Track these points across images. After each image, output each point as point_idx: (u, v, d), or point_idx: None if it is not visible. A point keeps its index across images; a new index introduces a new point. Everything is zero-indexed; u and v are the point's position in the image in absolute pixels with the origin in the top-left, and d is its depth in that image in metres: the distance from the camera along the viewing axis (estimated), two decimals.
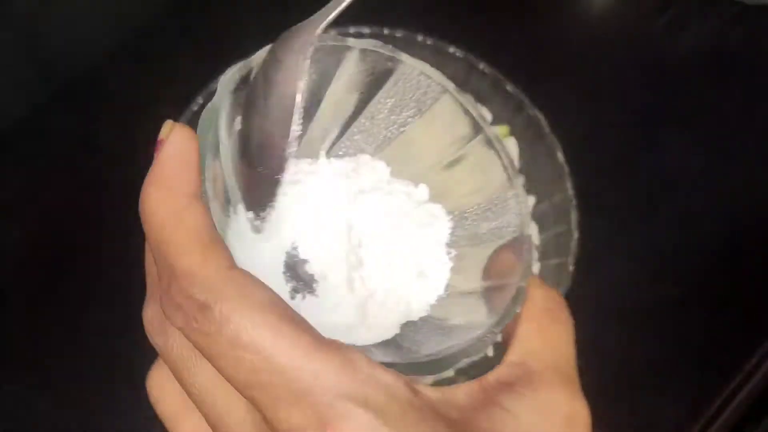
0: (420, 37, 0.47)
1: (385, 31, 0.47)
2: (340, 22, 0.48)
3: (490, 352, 0.23)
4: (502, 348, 0.22)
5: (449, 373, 0.21)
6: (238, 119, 0.21)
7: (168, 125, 0.20)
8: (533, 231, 0.47)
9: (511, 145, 0.48)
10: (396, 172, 0.26)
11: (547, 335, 0.21)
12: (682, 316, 0.49)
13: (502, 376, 0.20)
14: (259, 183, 0.21)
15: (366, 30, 0.47)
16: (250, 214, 0.22)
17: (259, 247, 0.21)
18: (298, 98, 0.21)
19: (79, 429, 0.45)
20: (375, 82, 0.25)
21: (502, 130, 0.48)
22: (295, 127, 0.21)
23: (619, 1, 0.58)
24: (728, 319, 0.49)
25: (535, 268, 0.46)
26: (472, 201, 0.25)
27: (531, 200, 0.47)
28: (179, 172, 0.19)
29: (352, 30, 0.47)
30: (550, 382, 0.20)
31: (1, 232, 0.49)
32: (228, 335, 0.17)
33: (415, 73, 0.25)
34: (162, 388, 0.21)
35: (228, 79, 0.22)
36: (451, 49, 0.47)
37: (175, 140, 0.20)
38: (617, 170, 0.52)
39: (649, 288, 0.49)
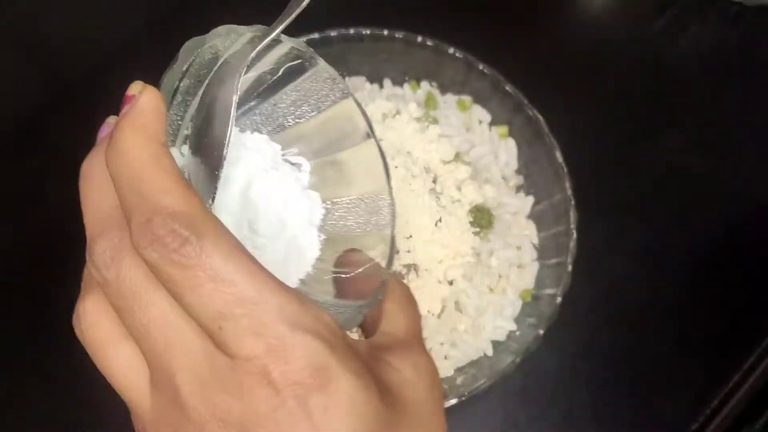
0: (420, 38, 0.47)
1: (386, 32, 0.47)
2: (341, 23, 0.48)
3: None
4: None
5: None
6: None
7: (139, 84, 0.22)
8: (531, 230, 0.47)
9: (510, 145, 0.48)
10: (285, 156, 0.29)
11: (407, 314, 0.27)
12: (681, 316, 0.49)
13: (382, 341, 0.25)
14: (200, 175, 0.23)
15: (366, 31, 0.47)
16: None
17: None
18: (233, 109, 0.23)
19: (80, 429, 0.45)
20: (289, 75, 0.28)
21: (501, 130, 0.48)
22: (231, 132, 0.23)
23: (619, 2, 0.58)
24: (727, 318, 0.49)
25: (534, 267, 0.46)
26: (344, 195, 0.29)
27: (530, 200, 0.47)
28: (154, 122, 0.21)
29: (352, 31, 0.47)
30: (415, 348, 0.25)
31: (1, 232, 0.49)
32: (207, 268, 0.19)
33: (324, 76, 0.28)
34: (98, 314, 0.22)
35: (187, 49, 0.24)
36: (451, 50, 0.47)
37: (148, 96, 0.21)
38: (617, 170, 0.52)
39: (648, 288, 0.49)
